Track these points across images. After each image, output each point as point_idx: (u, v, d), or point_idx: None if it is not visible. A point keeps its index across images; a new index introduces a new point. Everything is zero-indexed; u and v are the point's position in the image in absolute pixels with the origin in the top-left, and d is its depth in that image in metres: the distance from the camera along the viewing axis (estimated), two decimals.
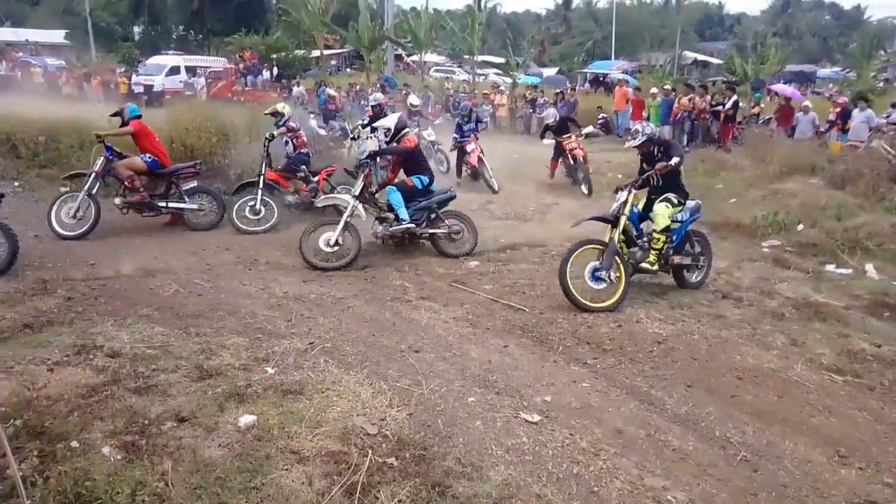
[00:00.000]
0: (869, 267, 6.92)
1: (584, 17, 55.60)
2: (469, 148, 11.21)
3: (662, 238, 5.93)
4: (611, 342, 4.99)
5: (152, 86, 25.59)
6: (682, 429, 3.77)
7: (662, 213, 5.92)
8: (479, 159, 11.12)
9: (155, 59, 28.62)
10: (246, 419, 3.59)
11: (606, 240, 5.72)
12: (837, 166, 10.68)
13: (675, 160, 5.82)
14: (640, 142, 6.05)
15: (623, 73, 31.01)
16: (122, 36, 44.73)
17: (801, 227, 8.28)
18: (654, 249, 5.92)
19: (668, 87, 19.00)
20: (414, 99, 12.28)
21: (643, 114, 17.63)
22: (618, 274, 5.62)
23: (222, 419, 3.60)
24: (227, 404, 3.76)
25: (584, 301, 5.49)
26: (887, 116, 14.29)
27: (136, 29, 49.57)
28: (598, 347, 4.90)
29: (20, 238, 6.32)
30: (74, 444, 3.23)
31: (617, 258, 5.62)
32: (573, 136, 11.32)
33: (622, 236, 5.83)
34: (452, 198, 7.64)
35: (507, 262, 7.03)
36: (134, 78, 26.37)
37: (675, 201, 5.99)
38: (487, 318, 5.44)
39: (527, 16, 67.31)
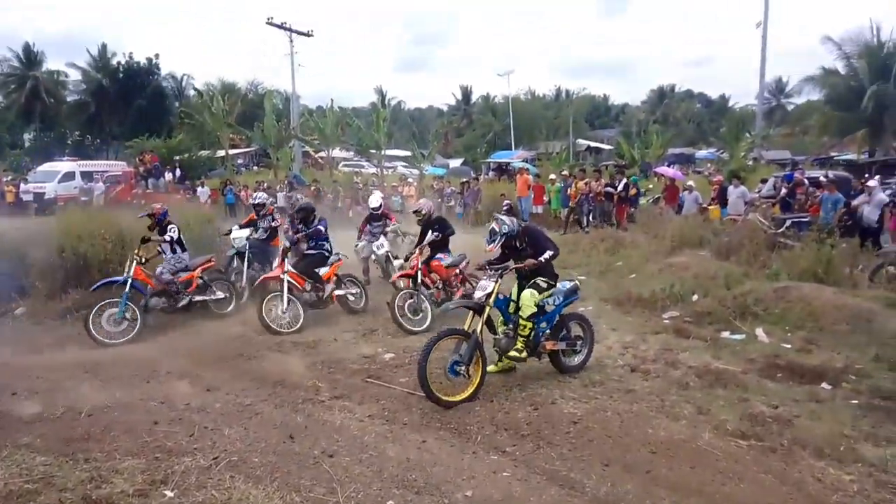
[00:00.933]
0: (759, 331, 7.38)
1: (482, 111, 58.89)
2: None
3: (529, 325, 5.77)
4: (528, 426, 4.97)
5: (43, 193, 24.43)
6: None
7: (529, 300, 5.76)
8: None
9: (46, 166, 27.45)
10: None
11: (468, 328, 5.60)
12: (722, 238, 11.56)
13: (547, 254, 5.85)
14: (498, 244, 5.99)
15: (523, 161, 32.82)
16: (10, 143, 42.82)
17: (695, 296, 8.79)
18: (521, 336, 5.82)
19: (565, 172, 20.26)
20: (374, 200, 11.06)
21: (544, 198, 18.59)
22: (476, 367, 5.51)
23: None
24: None
25: (438, 395, 5.28)
26: (759, 191, 15.84)
27: (27, 136, 47.68)
28: (517, 433, 4.87)
29: None
30: None
31: (478, 351, 5.50)
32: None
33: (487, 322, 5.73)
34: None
35: None
36: (23, 186, 25.09)
37: (544, 286, 5.94)
38: (404, 413, 5.31)
39: (430, 111, 70.72)
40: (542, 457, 4.47)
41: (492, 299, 5.69)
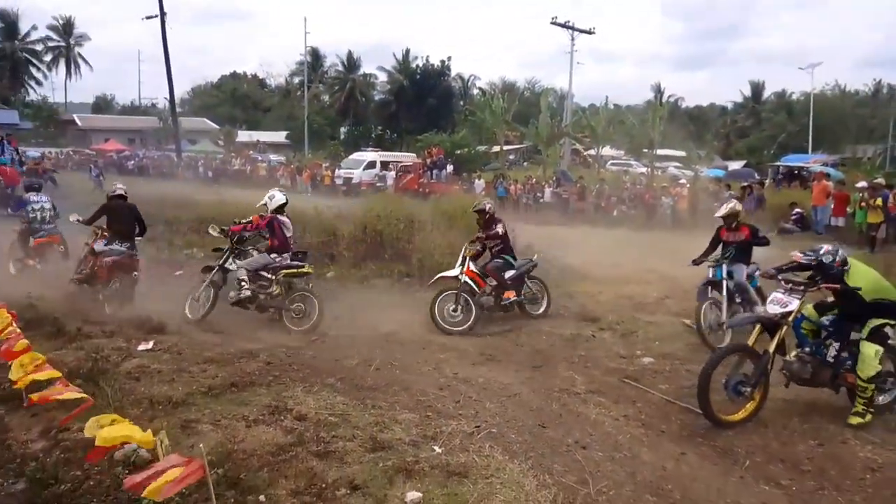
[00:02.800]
0: None
1: (775, 109, 52.64)
2: None
3: (871, 387, 5.00)
4: (809, 462, 4.38)
5: (351, 178, 28.68)
6: None
7: (872, 358, 4.94)
8: None
9: (354, 156, 32.29)
10: (413, 495, 3.66)
11: (754, 344, 5.06)
12: None
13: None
14: (807, 261, 5.26)
15: (823, 165, 28.52)
16: (330, 136, 51.22)
17: None
18: (862, 398, 5.01)
19: (879, 180, 17.09)
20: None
21: (847, 209, 15.95)
22: (759, 390, 4.95)
23: (391, 493, 3.72)
24: (395, 478, 3.87)
25: (714, 411, 4.87)
26: None
27: (343, 129, 56.57)
28: (794, 467, 4.33)
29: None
30: (262, 498, 3.54)
31: (764, 377, 4.93)
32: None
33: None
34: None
35: (686, 362, 6.58)
36: (336, 171, 29.80)
37: (890, 334, 5.09)
38: (662, 421, 5.10)
39: (711, 109, 65.33)
40: (826, 500, 3.92)
41: (791, 318, 5.08)
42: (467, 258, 8.38)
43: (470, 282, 8.21)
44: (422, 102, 52.04)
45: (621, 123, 32.09)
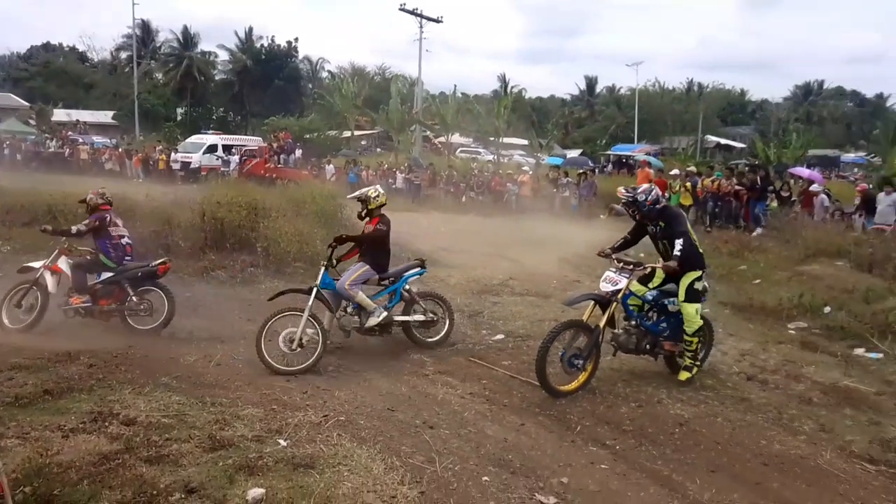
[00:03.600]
0: None
1: (607, 102, 57.16)
2: None
3: (695, 340, 5.65)
4: (631, 423, 4.86)
5: (189, 163, 26.77)
6: None
7: (694, 316, 5.57)
8: None
9: (193, 138, 30.13)
10: (255, 492, 3.54)
11: (587, 319, 5.43)
12: (864, 249, 10.54)
13: (678, 243, 5.40)
14: (646, 207, 5.67)
15: (646, 154, 31.52)
16: (165, 117, 47.30)
17: (827, 309, 8.10)
18: (689, 352, 5.69)
19: (691, 168, 19.25)
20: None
21: (665, 194, 17.77)
22: (591, 361, 5.36)
23: (231, 492, 3.57)
24: (237, 476, 3.73)
25: (552, 384, 5.21)
26: None
27: (179, 110, 52.46)
28: (618, 428, 4.77)
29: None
30: None
31: (596, 349, 5.37)
32: None
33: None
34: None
35: (527, 339, 6.97)
36: (173, 155, 27.65)
37: (700, 288, 5.70)
38: (505, 395, 5.36)
39: (552, 101, 69.42)
40: (644, 454, 4.36)
41: (620, 295, 5.51)
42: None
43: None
44: (268, 84, 49.73)
45: (469, 112, 33.02)
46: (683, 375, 5.73)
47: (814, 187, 15.65)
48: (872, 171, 26.47)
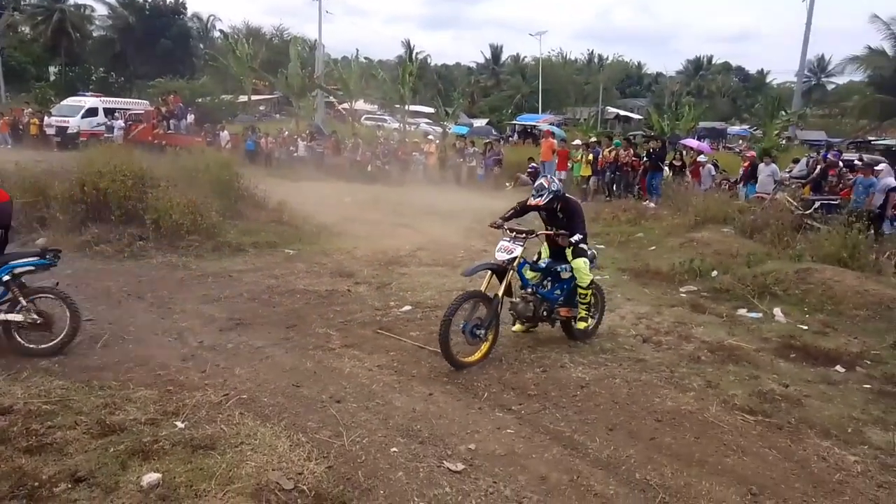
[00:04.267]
0: (777, 311, 7.29)
1: (512, 72, 57.82)
2: None
3: (589, 293, 5.95)
4: (535, 388, 4.99)
5: (66, 127, 24.54)
6: (604, 473, 3.78)
7: (584, 268, 5.85)
8: None
9: (70, 101, 27.46)
10: (150, 477, 3.37)
11: (486, 289, 5.51)
12: (747, 217, 11.36)
13: (577, 237, 5.75)
14: (546, 200, 5.87)
15: (550, 125, 32.31)
16: (35, 76, 42.93)
17: (715, 273, 8.68)
18: (582, 303, 5.94)
19: (593, 139, 19.90)
20: None
21: (568, 164, 18.32)
22: (491, 330, 5.45)
23: (124, 478, 3.39)
24: (130, 462, 3.54)
25: (455, 356, 5.24)
26: (790, 171, 15.49)
27: (52, 70, 47.74)
28: (523, 393, 4.89)
29: None
30: None
31: (496, 318, 5.47)
32: None
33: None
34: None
35: (435, 309, 6.99)
36: (46, 119, 25.22)
37: (586, 248, 6.00)
38: (413, 366, 5.35)
39: (457, 68, 69.39)
40: (548, 417, 4.50)
41: (516, 263, 5.59)
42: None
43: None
44: (153, 43, 46.04)
45: (374, 78, 32.26)
46: (581, 325, 6.02)
47: (701, 158, 16.63)
48: (755, 142, 28.55)
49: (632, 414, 4.61)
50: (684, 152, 18.94)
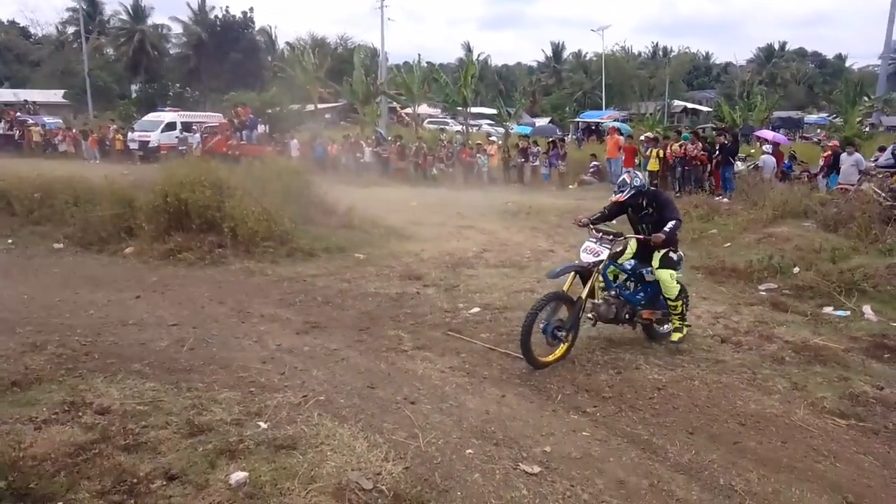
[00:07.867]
0: (866, 309, 6.90)
1: (574, 68, 57.00)
2: None
3: (679, 304, 5.78)
4: (610, 389, 4.91)
5: (148, 141, 25.92)
6: (685, 478, 3.68)
7: (670, 281, 5.66)
8: None
9: (151, 116, 29.07)
10: (237, 476, 3.49)
11: (567, 290, 5.43)
12: (829, 210, 10.78)
13: (670, 225, 5.49)
14: (627, 196, 5.73)
15: (615, 121, 31.63)
16: (119, 94, 45.58)
17: (796, 269, 8.29)
18: (675, 315, 5.79)
19: (648, 135, 19.32)
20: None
21: (635, 160, 17.89)
22: (573, 334, 5.40)
23: (213, 476, 3.52)
24: (217, 461, 3.67)
25: (535, 356, 5.22)
26: (875, 160, 14.57)
27: (134, 87, 50.58)
28: (598, 395, 4.82)
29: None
30: None
31: (577, 320, 5.42)
32: None
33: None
34: None
35: (504, 310, 6.98)
36: (130, 134, 26.72)
37: (676, 258, 5.79)
38: (484, 368, 5.36)
39: (518, 68, 68.99)
40: (624, 420, 4.42)
41: (601, 266, 5.49)
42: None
43: None
44: (224, 57, 48.07)
45: (435, 81, 32.50)
46: (675, 336, 5.88)
47: (766, 147, 15.91)
48: (834, 131, 27.02)
49: (712, 417, 4.47)
50: (759, 144, 18.15)
